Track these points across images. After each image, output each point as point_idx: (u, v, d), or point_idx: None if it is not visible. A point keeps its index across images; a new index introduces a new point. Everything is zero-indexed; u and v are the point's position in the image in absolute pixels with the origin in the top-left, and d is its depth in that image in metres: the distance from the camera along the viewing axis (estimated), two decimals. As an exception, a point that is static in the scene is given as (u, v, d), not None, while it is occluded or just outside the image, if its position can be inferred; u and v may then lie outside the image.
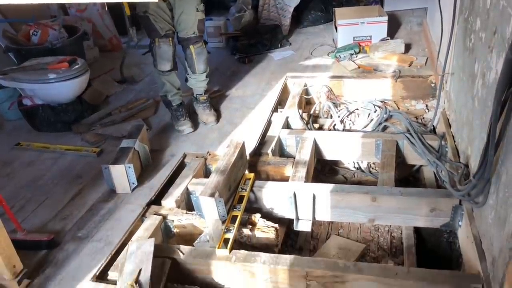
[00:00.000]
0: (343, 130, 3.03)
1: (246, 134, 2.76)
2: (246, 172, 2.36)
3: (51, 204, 2.38)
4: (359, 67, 3.55)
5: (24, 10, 4.12)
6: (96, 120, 3.21)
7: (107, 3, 4.63)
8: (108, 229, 2.15)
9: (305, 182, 2.27)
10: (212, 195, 1.93)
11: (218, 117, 3.11)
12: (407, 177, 2.82)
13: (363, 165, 2.95)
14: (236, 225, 1.95)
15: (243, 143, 2.33)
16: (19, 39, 3.77)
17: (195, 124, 3.03)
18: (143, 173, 2.54)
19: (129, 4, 3.12)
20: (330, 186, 2.18)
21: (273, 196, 2.21)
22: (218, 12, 5.16)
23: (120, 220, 2.19)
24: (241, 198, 2.13)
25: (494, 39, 1.63)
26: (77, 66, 3.12)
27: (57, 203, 2.38)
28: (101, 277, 1.86)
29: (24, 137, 3.13)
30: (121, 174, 2.35)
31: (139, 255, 1.74)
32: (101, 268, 1.89)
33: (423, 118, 3.07)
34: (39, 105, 3.14)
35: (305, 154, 2.50)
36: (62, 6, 4.73)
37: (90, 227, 2.18)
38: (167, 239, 2.15)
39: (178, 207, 2.21)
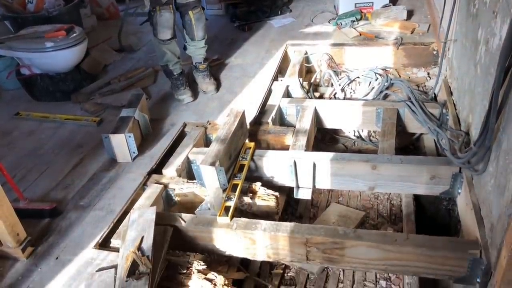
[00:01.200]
0: (344, 98, 3.02)
1: (246, 103, 2.75)
2: (247, 141, 2.36)
3: (52, 174, 2.38)
4: (360, 35, 3.50)
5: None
6: (95, 90, 3.19)
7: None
8: (109, 197, 2.16)
9: (305, 150, 2.27)
10: (212, 164, 1.93)
11: (218, 86, 3.08)
12: (407, 145, 2.83)
13: (364, 134, 2.96)
14: (237, 193, 1.96)
15: (243, 112, 2.32)
16: (15, 7, 3.70)
17: (195, 93, 3.01)
18: (144, 142, 2.54)
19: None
20: (330, 154, 2.18)
21: (274, 164, 2.22)
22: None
23: (122, 189, 2.20)
24: (241, 167, 2.14)
25: (499, 4, 1.59)
26: (74, 35, 3.07)
27: (59, 173, 2.38)
28: (104, 244, 1.89)
29: (23, 106, 3.12)
30: (122, 143, 2.35)
31: (141, 223, 1.76)
32: (104, 236, 1.92)
33: (425, 86, 3.05)
34: (37, 75, 3.11)
35: (305, 123, 2.49)
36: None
37: (92, 195, 2.19)
38: (168, 208, 2.17)
39: (179, 176, 2.22)
